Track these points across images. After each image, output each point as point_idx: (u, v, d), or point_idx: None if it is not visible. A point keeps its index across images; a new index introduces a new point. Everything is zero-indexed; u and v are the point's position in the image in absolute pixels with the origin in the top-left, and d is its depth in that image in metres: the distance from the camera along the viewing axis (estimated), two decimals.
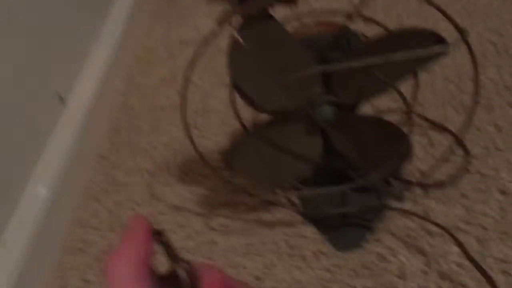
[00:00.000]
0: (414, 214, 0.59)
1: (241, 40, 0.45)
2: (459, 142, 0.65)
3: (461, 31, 0.46)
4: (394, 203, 0.62)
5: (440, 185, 0.62)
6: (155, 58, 1.03)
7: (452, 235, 0.55)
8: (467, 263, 0.53)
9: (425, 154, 0.66)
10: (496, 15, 0.84)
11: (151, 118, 0.88)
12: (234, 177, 0.70)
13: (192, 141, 0.55)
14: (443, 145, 0.67)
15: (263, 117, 0.55)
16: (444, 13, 0.45)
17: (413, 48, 0.46)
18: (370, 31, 0.83)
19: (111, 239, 0.70)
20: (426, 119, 0.70)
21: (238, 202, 0.68)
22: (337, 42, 0.53)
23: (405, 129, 0.53)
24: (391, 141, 0.54)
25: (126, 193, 0.75)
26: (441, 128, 0.68)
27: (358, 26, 0.55)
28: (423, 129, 0.69)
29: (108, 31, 0.99)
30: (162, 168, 0.78)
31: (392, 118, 0.69)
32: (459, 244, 0.54)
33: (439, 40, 0.47)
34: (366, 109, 0.73)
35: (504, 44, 0.78)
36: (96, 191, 0.77)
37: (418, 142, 0.68)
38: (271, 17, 0.47)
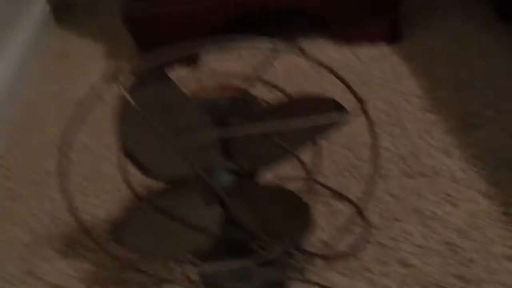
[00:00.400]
0: (318, 284, 0.56)
1: (131, 100, 0.40)
2: (360, 212, 0.64)
3: (360, 100, 0.46)
4: (298, 276, 0.58)
5: (342, 257, 0.60)
6: (44, 117, 0.95)
7: None
8: None
9: (327, 223, 0.65)
10: (388, 86, 0.88)
11: (32, 183, 0.79)
12: (123, 250, 0.64)
13: (72, 211, 0.49)
14: (344, 214, 0.66)
15: (158, 184, 0.50)
16: (343, 81, 0.45)
17: (313, 114, 0.45)
18: (271, 96, 0.82)
19: None
20: (327, 188, 0.69)
21: (128, 279, 0.61)
22: (237, 106, 0.51)
23: (306, 198, 0.51)
24: (292, 211, 0.52)
25: None
26: (341, 197, 0.67)
27: (259, 91, 0.53)
28: (325, 198, 0.68)
29: None
30: (42, 241, 0.69)
31: (293, 186, 0.67)
32: None
33: (338, 107, 0.46)
34: (266, 176, 0.71)
35: (396, 114, 0.81)
36: None
37: (319, 211, 0.66)
38: (166, 77, 0.44)
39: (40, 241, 0.68)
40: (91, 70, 1.08)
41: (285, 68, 0.97)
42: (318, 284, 0.57)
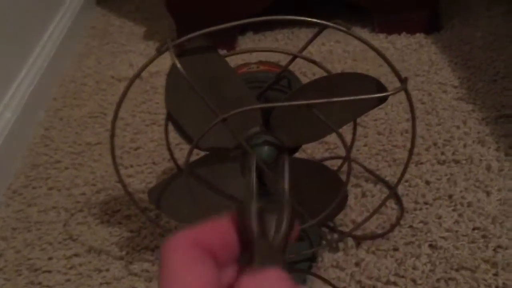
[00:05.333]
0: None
1: (181, 68, 0.42)
2: (395, 195, 0.65)
3: (402, 80, 0.47)
4: (326, 252, 0.60)
5: (373, 236, 0.61)
6: (84, 92, 0.98)
7: None
8: None
9: (358, 204, 0.66)
10: (424, 75, 0.88)
11: (73, 153, 0.82)
12: (161, 219, 0.66)
13: (120, 178, 0.51)
14: (376, 197, 0.67)
15: (196, 157, 0.52)
16: (386, 60, 0.46)
17: (354, 92, 0.46)
18: (311, 76, 0.83)
19: (18, 284, 0.62)
20: (365, 168, 0.70)
21: (159, 246, 0.63)
22: (278, 82, 0.52)
23: (342, 177, 0.52)
24: (328, 187, 0.53)
25: (38, 232, 0.68)
26: (377, 179, 0.68)
27: (300, 69, 0.54)
28: (357, 180, 0.69)
29: (35, 60, 0.94)
30: (81, 207, 0.72)
31: (329, 163, 0.68)
32: None
33: (379, 86, 0.47)
34: (305, 152, 0.73)
35: (432, 102, 0.81)
36: (4, 228, 0.70)
37: (351, 192, 0.67)
38: (214, 50, 0.45)
39: (79, 207, 0.71)
40: (130, 49, 1.10)
41: (321, 55, 0.98)
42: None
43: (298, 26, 1.07)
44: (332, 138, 0.77)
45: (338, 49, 0.99)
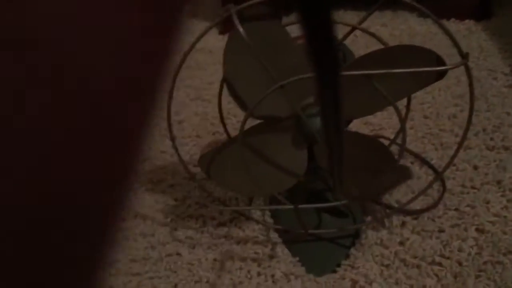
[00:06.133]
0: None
1: (243, 32, 0.43)
2: (440, 178, 0.64)
3: (463, 55, 0.46)
4: (371, 231, 0.60)
5: (419, 212, 0.61)
6: None
7: None
8: None
9: (403, 186, 0.65)
10: (473, 62, 0.86)
11: None
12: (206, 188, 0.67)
13: (174, 144, 0.52)
14: (422, 179, 0.66)
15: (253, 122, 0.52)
16: (448, 33, 0.45)
17: (412, 65, 0.45)
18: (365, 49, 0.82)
19: None
20: (410, 152, 0.69)
21: (208, 216, 0.64)
22: None
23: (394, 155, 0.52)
24: (380, 163, 0.53)
25: None
26: (423, 162, 0.68)
27: (358, 42, 0.54)
28: (403, 161, 0.69)
29: None
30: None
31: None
32: None
33: (438, 60, 0.46)
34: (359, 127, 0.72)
35: (481, 88, 0.80)
36: None
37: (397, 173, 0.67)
38: (275, 17, 0.46)
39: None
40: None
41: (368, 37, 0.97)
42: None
43: (345, 7, 1.05)
44: (377, 119, 0.76)
45: (384, 33, 0.98)
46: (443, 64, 0.46)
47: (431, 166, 0.67)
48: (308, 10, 0.20)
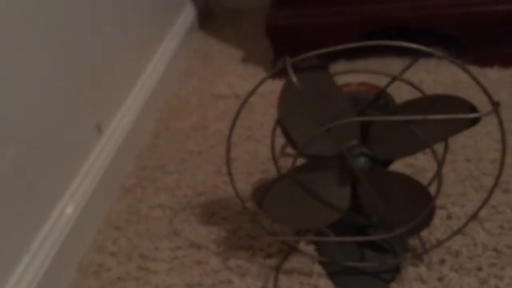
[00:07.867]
0: None
1: (295, 81, 0.49)
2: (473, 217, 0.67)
3: (494, 103, 0.51)
4: (410, 266, 0.63)
5: (457, 254, 0.64)
6: (187, 106, 1.08)
7: None
8: None
9: (443, 225, 0.69)
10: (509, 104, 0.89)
11: (178, 160, 0.91)
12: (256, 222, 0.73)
13: (231, 178, 0.58)
14: (462, 220, 0.69)
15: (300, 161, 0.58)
16: (479, 83, 0.50)
17: (447, 112, 0.50)
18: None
19: (128, 267, 0.71)
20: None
21: (257, 248, 0.70)
22: (376, 102, 0.58)
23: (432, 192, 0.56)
24: (417, 201, 0.57)
25: (147, 225, 0.77)
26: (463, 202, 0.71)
27: (396, 91, 0.59)
28: (443, 202, 0.72)
29: (148, 76, 1.05)
30: (184, 207, 0.80)
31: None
32: None
33: (472, 108, 0.51)
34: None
35: None
36: (118, 220, 0.79)
37: (437, 213, 0.70)
38: (326, 68, 0.52)
39: (182, 207, 0.80)
40: (229, 71, 1.20)
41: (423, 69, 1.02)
42: None
43: (390, 56, 1.11)
44: (420, 161, 0.80)
45: (428, 79, 1.02)
46: (476, 111, 0.50)
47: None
48: None
